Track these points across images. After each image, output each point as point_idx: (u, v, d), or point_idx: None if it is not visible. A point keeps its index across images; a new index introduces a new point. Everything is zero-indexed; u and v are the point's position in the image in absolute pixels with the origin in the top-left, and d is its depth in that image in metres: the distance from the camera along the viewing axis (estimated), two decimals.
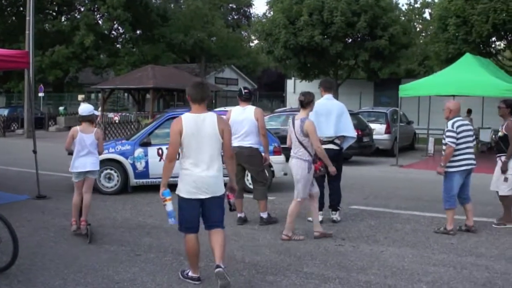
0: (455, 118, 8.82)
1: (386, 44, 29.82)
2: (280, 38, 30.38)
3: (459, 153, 8.73)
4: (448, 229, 8.89)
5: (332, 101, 9.76)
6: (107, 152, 11.63)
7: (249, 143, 9.26)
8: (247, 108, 9.36)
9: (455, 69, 19.82)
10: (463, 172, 8.80)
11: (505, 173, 9.36)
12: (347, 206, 11.14)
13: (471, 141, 8.89)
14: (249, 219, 9.81)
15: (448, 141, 8.67)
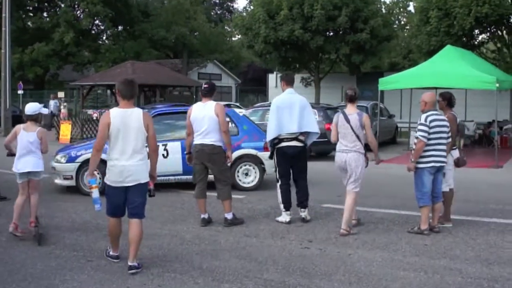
0: (430, 111, 8.38)
1: (367, 37, 29.30)
2: (260, 33, 29.82)
3: (429, 148, 8.28)
4: (422, 228, 8.39)
5: (294, 96, 9.39)
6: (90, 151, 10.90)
7: (211, 140, 8.82)
8: (208, 103, 8.88)
9: (436, 61, 19.38)
10: (432, 168, 8.33)
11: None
12: (320, 204, 10.65)
13: (445, 137, 8.44)
14: (214, 220, 9.29)
15: (420, 135, 8.23)
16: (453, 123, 8.77)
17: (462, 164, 9.03)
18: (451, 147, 8.76)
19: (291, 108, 9.14)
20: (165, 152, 11.85)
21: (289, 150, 9.15)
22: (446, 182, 8.85)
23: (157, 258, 7.31)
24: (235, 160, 11.80)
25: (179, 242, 8.10)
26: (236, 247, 7.84)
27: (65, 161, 11.79)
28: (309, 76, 34.07)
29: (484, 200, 11.21)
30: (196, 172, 9.15)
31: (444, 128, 8.39)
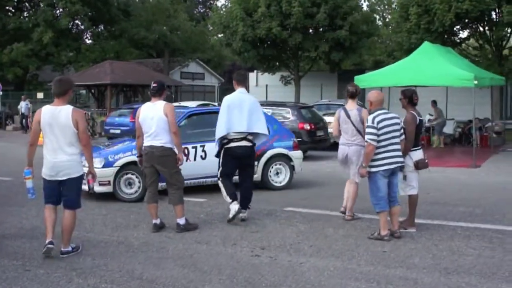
0: (377, 111, 7.90)
1: (346, 34, 28.85)
2: (238, 31, 29.34)
3: (381, 150, 7.82)
4: (382, 234, 7.90)
5: (245, 95, 9.26)
6: (131, 154, 10.61)
7: (161, 142, 8.37)
8: (157, 103, 8.42)
9: (414, 58, 18.93)
10: (386, 171, 7.88)
11: (403, 171, 8.30)
12: (281, 208, 10.17)
13: (397, 136, 7.97)
14: (168, 225, 8.77)
15: (368, 138, 7.78)
16: (410, 124, 8.29)
17: (423, 166, 8.46)
18: (409, 149, 8.30)
19: (241, 107, 8.95)
20: (203, 153, 11.47)
21: (239, 150, 8.96)
22: (409, 185, 8.41)
23: (98, 267, 6.81)
24: (267, 160, 12.11)
25: (125, 249, 7.58)
26: (184, 255, 7.33)
27: (101, 166, 10.71)
28: (289, 74, 33.58)
29: (454, 202, 10.73)
30: (146, 176, 8.72)
31: (394, 126, 7.91)
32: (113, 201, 10.90)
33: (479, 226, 8.73)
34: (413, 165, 8.36)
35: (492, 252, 7.30)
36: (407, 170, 8.27)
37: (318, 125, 18.50)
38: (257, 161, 11.38)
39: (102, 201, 10.90)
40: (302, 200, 11.01)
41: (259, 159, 11.67)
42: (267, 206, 10.31)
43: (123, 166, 10.82)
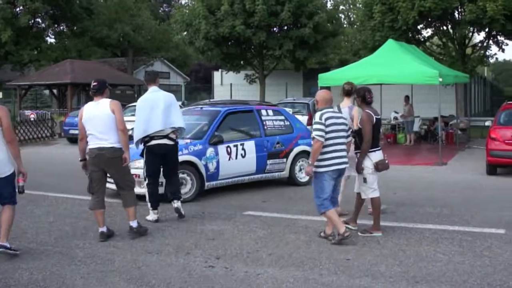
0: (324, 109, 7.58)
1: (311, 33, 28.45)
2: (201, 29, 28.71)
3: (329, 149, 7.51)
4: (341, 233, 7.53)
5: (158, 93, 9.12)
6: (180, 153, 9.98)
7: (110, 142, 7.82)
8: (101, 102, 7.89)
9: (378, 56, 18.55)
10: (334, 172, 7.58)
11: (362, 173, 8.00)
12: (241, 212, 9.62)
13: (344, 136, 7.73)
14: (118, 233, 8.20)
15: (315, 134, 7.43)
16: (366, 123, 7.91)
17: (383, 168, 8.07)
18: (367, 149, 7.92)
19: (155, 106, 8.90)
20: (243, 151, 11.51)
21: (160, 148, 8.88)
22: (371, 188, 8.00)
23: (35, 283, 6.20)
24: (294, 157, 12.28)
25: (68, 262, 6.96)
26: (131, 267, 6.74)
27: None
28: (254, 73, 33.07)
29: (422, 202, 10.31)
30: (94, 181, 8.03)
31: (341, 126, 7.66)
32: (64, 206, 10.31)
33: (448, 228, 8.31)
34: (373, 167, 7.97)
35: (462, 257, 6.86)
36: (367, 172, 7.94)
37: None
38: (285, 158, 12.07)
39: (53, 206, 10.30)
40: (263, 203, 10.49)
41: (287, 156, 12.13)
42: (226, 210, 9.79)
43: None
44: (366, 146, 7.88)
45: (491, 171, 14.19)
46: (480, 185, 12.55)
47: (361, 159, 7.95)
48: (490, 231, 8.07)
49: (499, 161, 13.97)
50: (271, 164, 11.86)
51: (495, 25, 24.03)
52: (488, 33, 26.64)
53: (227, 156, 11.19)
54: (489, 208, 9.85)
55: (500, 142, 13.88)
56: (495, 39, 27.24)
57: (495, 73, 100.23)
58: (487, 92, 46.20)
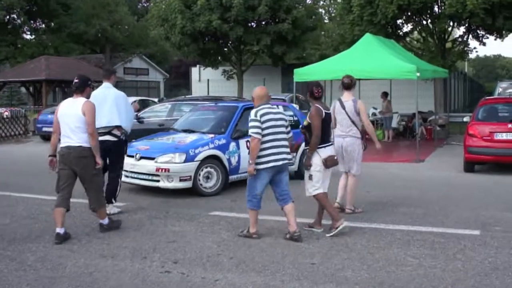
0: (260, 105, 7.46)
1: (289, 27, 28.03)
2: (177, 24, 28.16)
3: (267, 146, 7.37)
4: (251, 232, 7.56)
5: (109, 90, 9.14)
6: (209, 148, 10.69)
7: (78, 142, 7.69)
8: (78, 100, 7.76)
9: (355, 50, 18.18)
10: (272, 168, 7.40)
11: (309, 170, 7.77)
12: (206, 212, 9.20)
13: (283, 132, 7.55)
14: (74, 235, 7.76)
15: (251, 132, 7.32)
16: (315, 117, 7.69)
17: (331, 164, 7.79)
18: (315, 145, 7.68)
19: (103, 102, 8.82)
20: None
21: (102, 144, 8.43)
22: (314, 186, 7.78)
23: None
24: (302, 152, 11.83)
25: (16, 267, 6.51)
26: (82, 272, 6.30)
27: (183, 161, 10.40)
28: (231, 68, 32.62)
29: (395, 202, 9.95)
30: (61, 179, 7.81)
31: (280, 121, 7.50)
32: (23, 206, 9.86)
33: (420, 229, 7.95)
34: (321, 164, 7.70)
35: (433, 260, 6.50)
36: (314, 169, 7.72)
37: None
38: (295, 153, 11.66)
39: (13, 207, 9.84)
40: (231, 202, 10.06)
41: (296, 151, 11.78)
42: (192, 210, 9.38)
43: (203, 160, 10.60)
44: (315, 141, 7.67)
45: (468, 169, 13.87)
46: (457, 183, 12.23)
47: (310, 155, 7.74)
48: (464, 232, 7.72)
49: (477, 158, 13.66)
50: None
51: (475, 19, 23.76)
52: (468, 27, 26.42)
53: (247, 150, 10.72)
54: (465, 207, 9.52)
55: (478, 138, 13.57)
56: (475, 33, 27.04)
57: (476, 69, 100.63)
58: (467, 87, 46.07)
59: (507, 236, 7.51)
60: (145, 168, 10.57)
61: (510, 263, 6.38)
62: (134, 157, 10.81)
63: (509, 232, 7.74)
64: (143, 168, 10.67)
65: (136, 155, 10.83)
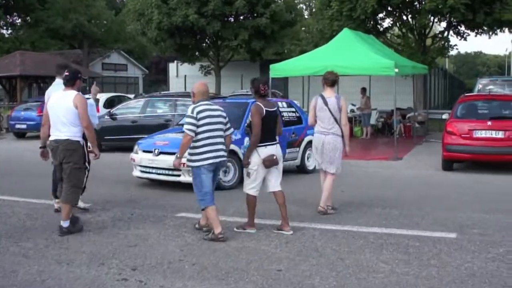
0: (199, 102, 7.34)
1: (267, 22, 27.64)
2: (153, 19, 27.65)
3: (204, 143, 7.26)
4: (216, 233, 7.22)
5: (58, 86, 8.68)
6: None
7: (66, 135, 7.68)
8: (68, 93, 7.73)
9: (333, 46, 17.88)
10: (211, 165, 7.31)
11: (247, 167, 7.58)
12: (173, 213, 8.81)
13: (221, 128, 7.43)
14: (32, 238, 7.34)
15: (186, 128, 7.24)
16: (254, 115, 7.45)
17: (270, 164, 7.53)
18: (255, 143, 7.44)
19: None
20: None
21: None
22: (251, 184, 7.57)
23: None
24: (305, 146, 12.91)
25: None
26: (35, 280, 5.87)
27: None
28: (209, 64, 32.16)
29: (370, 202, 9.61)
30: (57, 171, 8.08)
31: (218, 118, 7.37)
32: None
33: (394, 231, 7.60)
34: (260, 163, 7.47)
35: (406, 266, 6.14)
36: (252, 167, 7.50)
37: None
38: (298, 148, 12.79)
39: None
40: None
41: (299, 145, 12.86)
42: (158, 211, 8.97)
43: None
44: (254, 139, 7.47)
45: (447, 167, 13.59)
46: (435, 182, 11.92)
47: (248, 153, 7.55)
48: (440, 235, 7.39)
49: (456, 156, 13.38)
50: (288, 152, 12.31)
51: (455, 15, 23.63)
52: (448, 23, 26.23)
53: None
54: (442, 208, 9.19)
55: (457, 136, 13.29)
56: (456, 29, 26.87)
57: (457, 65, 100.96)
58: (447, 84, 45.96)
59: (484, 239, 7.18)
60: (166, 163, 10.52)
61: (488, 269, 6.04)
62: (153, 153, 11.01)
63: (486, 235, 7.42)
64: (163, 163, 10.73)
65: (155, 151, 11.01)
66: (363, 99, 21.42)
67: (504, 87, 20.24)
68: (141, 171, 11.20)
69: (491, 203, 9.53)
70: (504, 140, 12.95)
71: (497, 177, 12.52)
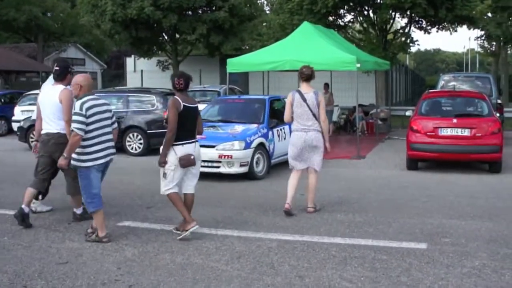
0: (86, 97, 6.84)
1: (225, 16, 26.82)
2: (107, 10, 26.54)
3: (95, 142, 6.85)
4: (100, 236, 6.91)
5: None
6: (258, 136, 11.82)
7: (57, 129, 7.77)
8: (56, 87, 7.80)
9: (292, 40, 17.11)
10: (101, 165, 6.99)
11: (163, 167, 7.05)
12: (116, 222, 7.94)
13: (108, 125, 7.07)
14: None
15: (75, 127, 6.69)
16: (170, 109, 6.95)
17: (186, 164, 7.01)
18: (170, 140, 6.91)
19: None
20: (284, 134, 12.74)
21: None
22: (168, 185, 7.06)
23: None
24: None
25: None
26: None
27: (243, 148, 11.41)
28: (167, 59, 31.17)
29: (332, 207, 8.86)
30: (39, 165, 7.99)
31: (106, 114, 7.02)
32: None
33: (359, 242, 6.87)
34: (177, 162, 6.97)
35: (373, 285, 5.42)
36: (169, 167, 7.00)
37: None
38: None
39: None
40: (147, 209, 8.78)
41: None
42: None
43: (256, 147, 11.61)
44: (168, 135, 6.93)
45: (411, 166, 12.98)
46: (400, 183, 11.26)
47: (164, 151, 6.99)
48: (409, 246, 6.68)
49: (421, 155, 12.76)
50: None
51: (416, 10, 23.25)
52: (410, 18, 25.83)
53: (278, 138, 12.60)
54: (409, 213, 8.50)
55: (422, 134, 12.68)
56: (417, 24, 26.50)
57: (417, 62, 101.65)
58: (408, 80, 45.73)
59: (457, 250, 6.50)
60: (206, 156, 10.68)
61: (464, 287, 5.36)
62: None
63: (458, 245, 6.75)
64: (203, 155, 10.36)
65: None
66: (327, 95, 20.72)
67: (467, 83, 19.79)
68: None
69: (459, 207, 8.88)
70: (470, 138, 12.40)
71: (462, 177, 11.94)
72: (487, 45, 42.35)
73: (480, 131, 12.37)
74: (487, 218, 8.18)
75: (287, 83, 20.87)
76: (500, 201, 9.48)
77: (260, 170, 11.81)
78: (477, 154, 12.43)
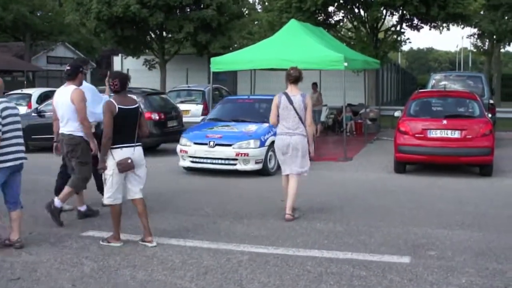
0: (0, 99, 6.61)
1: (213, 14, 26.31)
2: (92, 8, 25.98)
3: (8, 143, 6.55)
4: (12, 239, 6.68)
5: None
6: (271, 134, 11.66)
7: (68, 130, 7.82)
8: (68, 88, 7.78)
9: (278, 38, 16.60)
10: (10, 168, 6.64)
11: (103, 172, 6.75)
12: (80, 231, 7.44)
13: (20, 128, 6.81)
14: None
15: None
16: (105, 113, 6.58)
17: (124, 169, 6.64)
18: (106, 145, 6.58)
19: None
20: None
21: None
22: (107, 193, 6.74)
23: None
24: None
25: None
26: None
27: (258, 146, 11.93)
28: (154, 58, 30.64)
29: (312, 214, 8.34)
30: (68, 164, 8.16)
31: (17, 117, 6.74)
32: None
33: (337, 255, 6.37)
34: (114, 166, 6.62)
35: None
36: (108, 173, 6.68)
37: (170, 114, 15.91)
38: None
39: None
40: None
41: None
42: (62, 229, 7.55)
43: (269, 145, 11.89)
44: (104, 141, 6.62)
45: (399, 169, 12.51)
46: (386, 188, 10.77)
47: (102, 156, 6.68)
48: (391, 260, 6.19)
49: (409, 158, 12.30)
50: None
51: (408, 8, 22.87)
52: (401, 16, 25.41)
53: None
54: (394, 221, 8.01)
55: (410, 136, 12.22)
56: (408, 22, 26.09)
57: (409, 61, 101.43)
58: (399, 79, 45.32)
59: (442, 265, 6.01)
60: (223, 154, 11.88)
61: None
62: (208, 145, 12.01)
63: (444, 258, 6.26)
64: (220, 153, 11.98)
65: (210, 143, 12.02)
66: (315, 95, 20.24)
67: (458, 83, 19.37)
68: (193, 162, 12.20)
69: (448, 215, 8.40)
70: (460, 140, 11.94)
71: (452, 181, 11.49)
72: (480, 43, 41.96)
73: (471, 133, 11.93)
74: (476, 227, 7.72)
75: (276, 83, 20.38)
76: (491, 207, 9.03)
77: (272, 167, 12.21)
78: (467, 157, 11.98)
